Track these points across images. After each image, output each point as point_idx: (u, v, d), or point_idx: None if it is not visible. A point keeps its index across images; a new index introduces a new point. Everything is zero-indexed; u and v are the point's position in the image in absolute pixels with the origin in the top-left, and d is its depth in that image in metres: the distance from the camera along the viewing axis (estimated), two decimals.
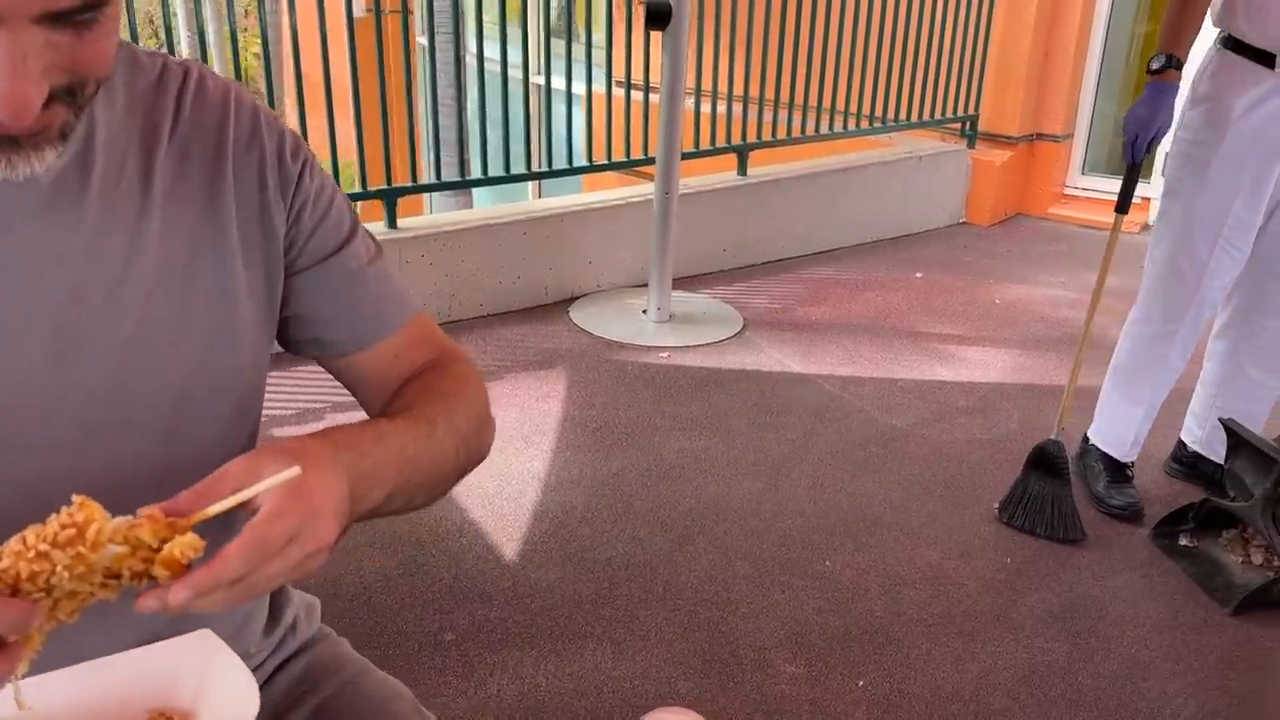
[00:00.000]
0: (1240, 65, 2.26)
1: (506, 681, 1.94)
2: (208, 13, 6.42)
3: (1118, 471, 2.63)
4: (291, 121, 3.55)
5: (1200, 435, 2.69)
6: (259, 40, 10.78)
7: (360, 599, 2.16)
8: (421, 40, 3.86)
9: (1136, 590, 2.30)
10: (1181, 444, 2.77)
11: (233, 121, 0.81)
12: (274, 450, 0.67)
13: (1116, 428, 2.61)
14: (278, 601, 0.93)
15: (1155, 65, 2.31)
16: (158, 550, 0.64)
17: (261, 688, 0.89)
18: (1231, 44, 2.28)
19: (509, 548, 2.35)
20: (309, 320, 0.86)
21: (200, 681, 0.74)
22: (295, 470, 0.66)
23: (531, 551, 2.34)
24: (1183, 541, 2.44)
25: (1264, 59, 2.23)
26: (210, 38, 3.92)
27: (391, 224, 3.49)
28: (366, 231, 0.90)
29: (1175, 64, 2.30)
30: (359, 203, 3.53)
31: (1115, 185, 2.83)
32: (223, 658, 0.74)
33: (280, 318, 0.85)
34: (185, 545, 0.64)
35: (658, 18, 3.32)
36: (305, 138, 3.25)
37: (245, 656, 0.86)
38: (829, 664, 2.02)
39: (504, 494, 2.56)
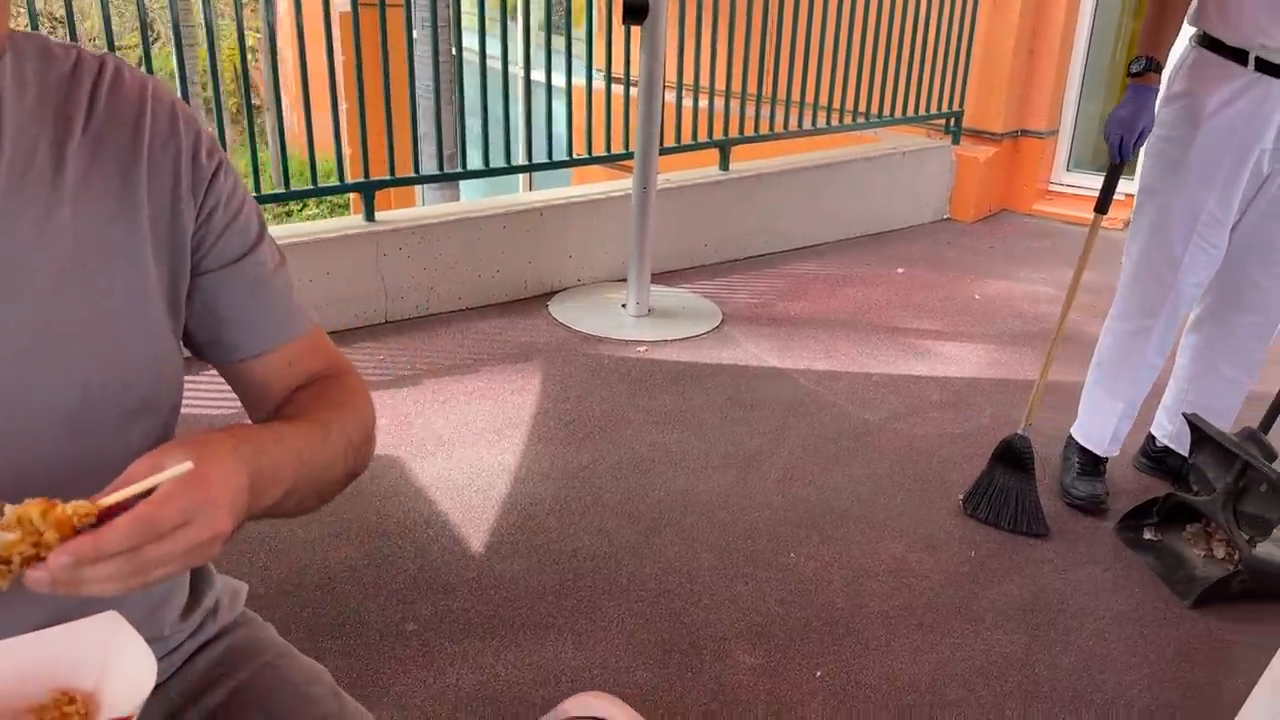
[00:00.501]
0: (1214, 62, 2.27)
1: (466, 671, 1.95)
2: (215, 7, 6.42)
3: (1091, 465, 2.64)
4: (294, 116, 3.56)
5: (1170, 430, 2.70)
6: (256, 35, 10.74)
7: (324, 589, 2.17)
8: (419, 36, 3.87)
9: (1099, 584, 2.31)
10: (1151, 438, 2.78)
11: (150, 116, 0.81)
12: (176, 445, 0.68)
13: (1096, 423, 2.63)
14: (198, 586, 0.94)
15: (1135, 68, 2.32)
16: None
17: (179, 670, 0.91)
18: (1206, 41, 2.29)
19: (475, 539, 2.37)
20: (211, 323, 0.86)
21: (102, 662, 0.75)
22: (188, 465, 0.68)
23: (498, 543, 2.36)
24: (1147, 535, 2.45)
25: (1237, 56, 2.24)
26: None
27: (369, 217, 3.50)
28: (272, 239, 0.91)
29: (1155, 66, 2.31)
30: (338, 196, 3.53)
31: (1099, 182, 2.84)
32: (124, 637, 0.74)
33: (185, 322, 0.86)
34: (77, 507, 0.66)
35: (635, 12, 3.32)
36: (311, 131, 3.27)
37: (160, 639, 0.88)
38: (787, 655, 2.04)
39: (473, 486, 2.57)
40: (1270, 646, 1.73)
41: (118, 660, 0.74)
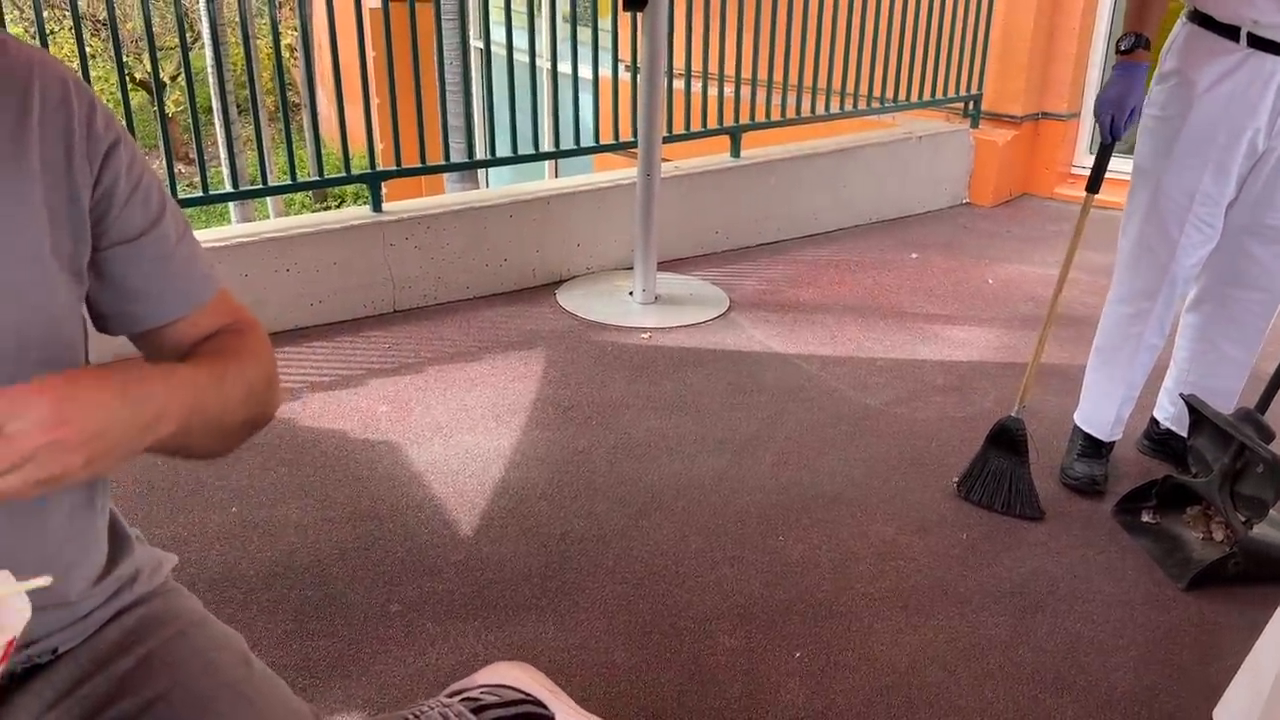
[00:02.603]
0: (1206, 38, 2.23)
1: (446, 651, 1.98)
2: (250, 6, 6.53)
3: (1093, 449, 2.61)
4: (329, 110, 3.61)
5: (1172, 412, 2.66)
6: (293, 31, 10.85)
7: (313, 571, 2.20)
8: (477, 43, 3.88)
9: (1091, 566, 2.28)
10: (1154, 421, 2.74)
11: (39, 84, 0.83)
12: (33, 386, 0.68)
13: (1098, 408, 2.59)
14: (114, 554, 0.96)
15: (1124, 45, 2.29)
16: None
17: (89, 637, 0.93)
18: (1197, 18, 2.25)
19: (466, 523, 2.39)
20: (118, 296, 0.88)
21: None
22: (45, 580, 0.72)
23: (487, 526, 2.38)
24: (1144, 518, 2.41)
25: (1229, 33, 2.19)
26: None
27: (376, 207, 3.54)
28: (176, 208, 0.93)
29: (1144, 43, 2.27)
30: (344, 187, 3.59)
31: (1122, 164, 2.80)
32: (10, 593, 0.76)
33: (88, 294, 0.88)
34: None
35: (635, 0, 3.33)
36: (344, 125, 3.33)
37: (67, 604, 0.90)
38: (768, 636, 2.04)
39: (467, 471, 2.59)
40: (1261, 629, 1.71)
41: (5, 615, 0.75)
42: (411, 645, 1.99)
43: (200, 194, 3.37)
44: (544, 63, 4.00)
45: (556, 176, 5.38)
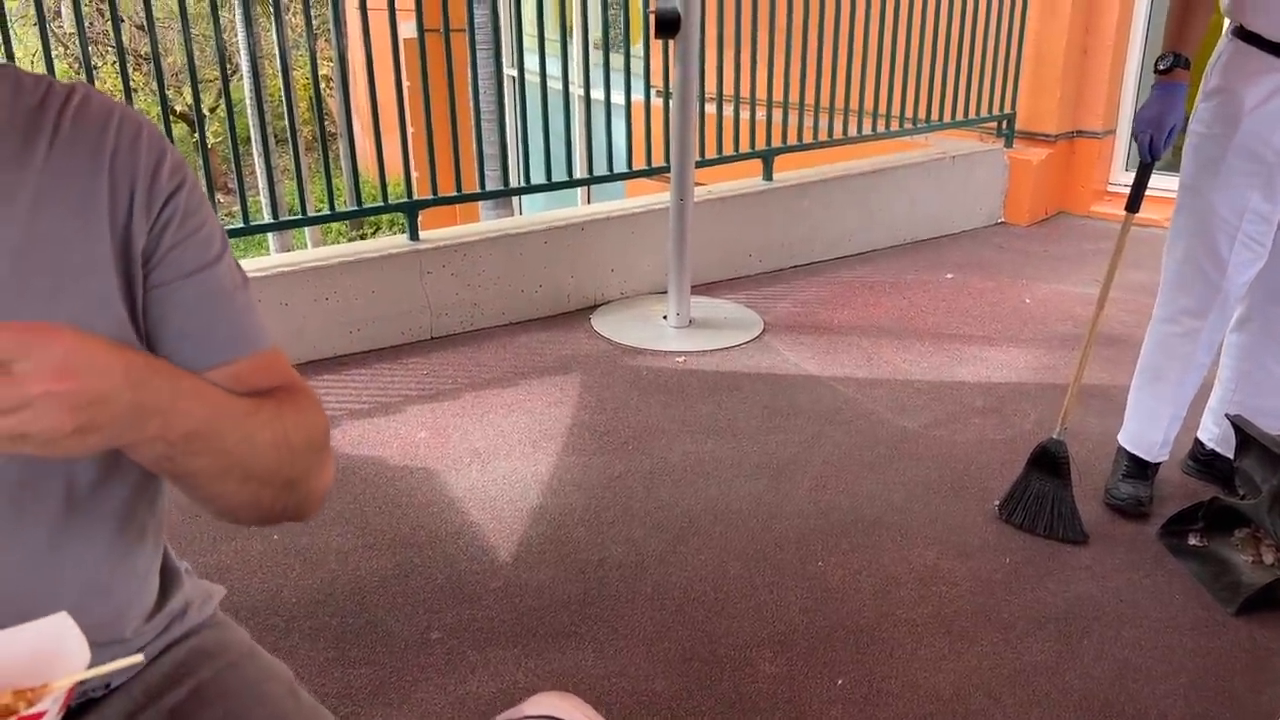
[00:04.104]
0: (1251, 55, 2.21)
1: (486, 679, 1.98)
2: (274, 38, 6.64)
3: (1138, 470, 2.57)
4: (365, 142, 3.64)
5: (1217, 433, 2.62)
6: (329, 62, 11.03)
7: (354, 598, 2.21)
8: (510, 71, 3.91)
9: (1138, 591, 2.25)
10: (1199, 442, 2.69)
11: (113, 136, 0.85)
12: (50, 327, 0.65)
13: (1145, 428, 2.56)
14: (166, 589, 0.97)
15: (1162, 65, 2.27)
16: None
17: (142, 670, 0.94)
18: (1243, 34, 2.23)
19: (504, 549, 2.40)
20: (163, 336, 0.88)
21: (51, 663, 0.77)
22: (137, 659, 0.72)
23: (525, 553, 2.38)
24: (1191, 541, 2.37)
25: (1275, 49, 2.17)
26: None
27: (413, 236, 3.58)
28: (238, 265, 0.92)
29: (1183, 63, 2.26)
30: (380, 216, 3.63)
31: (1160, 181, 2.78)
32: (72, 639, 0.77)
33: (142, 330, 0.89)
34: None
35: (667, 26, 3.35)
36: (381, 154, 3.37)
37: (122, 641, 0.91)
38: (809, 663, 2.02)
39: (505, 497, 2.60)
40: None
41: (64, 656, 0.77)
42: (452, 673, 1.99)
43: (241, 224, 3.42)
44: (576, 89, 4.04)
45: (589, 202, 5.42)
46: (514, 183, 4.07)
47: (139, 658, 0.76)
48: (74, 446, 0.65)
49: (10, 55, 3.04)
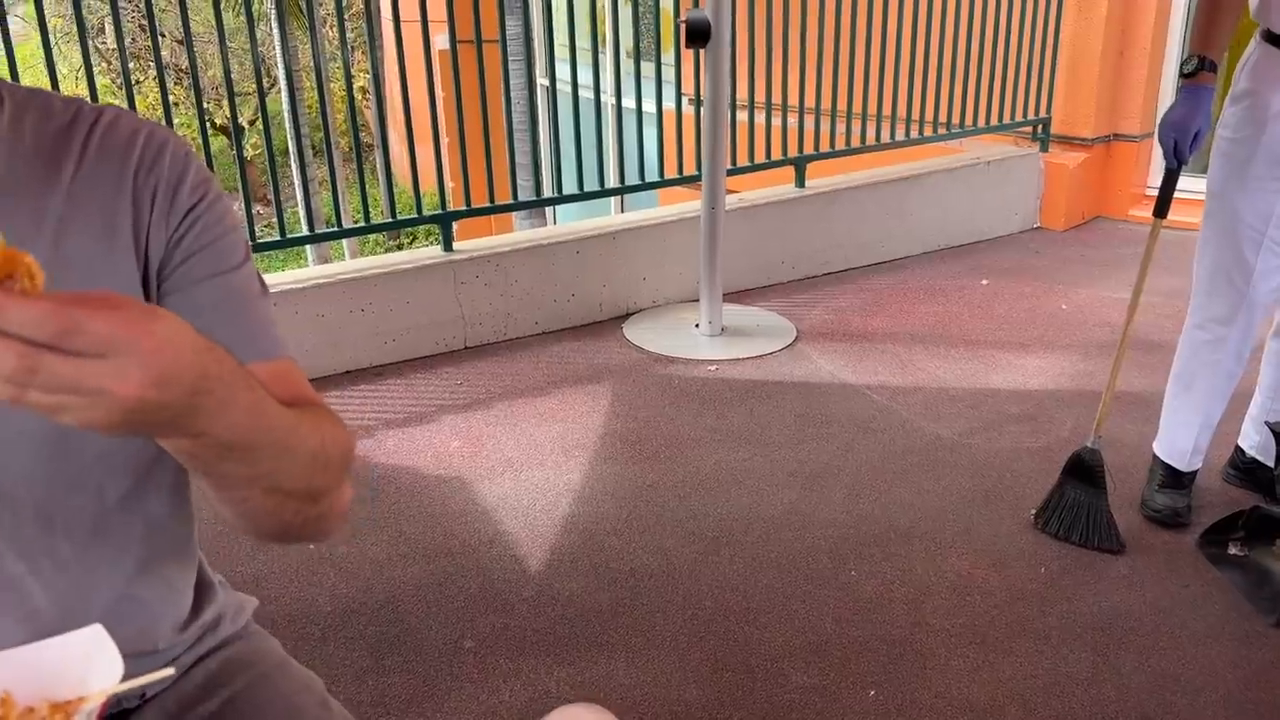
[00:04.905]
0: (1279, 59, 2.18)
1: (519, 688, 1.99)
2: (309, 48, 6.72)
3: (1173, 479, 2.54)
4: (398, 150, 3.67)
5: (1258, 440, 2.58)
6: (365, 74, 11.15)
7: (388, 607, 2.24)
8: (542, 81, 3.94)
9: (1176, 601, 2.22)
10: (1239, 450, 2.65)
11: (138, 152, 0.86)
12: (150, 324, 0.59)
13: (1177, 437, 2.52)
14: (199, 600, 0.99)
15: (1187, 69, 2.25)
16: None
17: (176, 681, 0.96)
18: (1271, 37, 2.20)
19: (537, 558, 2.41)
20: None
21: (85, 675, 0.79)
22: (169, 672, 0.71)
23: (558, 562, 2.39)
24: (1232, 550, 2.34)
25: None
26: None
27: (447, 247, 3.61)
28: (258, 275, 0.92)
29: (1208, 66, 2.23)
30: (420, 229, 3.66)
31: (1195, 184, 2.75)
32: (107, 651, 0.79)
33: None
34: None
35: (697, 35, 3.36)
36: (415, 165, 3.39)
37: (155, 652, 0.93)
38: (841, 674, 2.01)
39: (538, 506, 2.62)
40: None
41: (97, 668, 0.78)
42: (485, 682, 2.01)
43: (279, 237, 3.47)
44: (608, 98, 4.06)
45: (622, 211, 5.44)
46: (547, 193, 4.10)
47: (170, 671, 0.77)
48: (105, 432, 0.60)
49: (53, 71, 3.11)
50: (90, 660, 0.79)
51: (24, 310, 0.53)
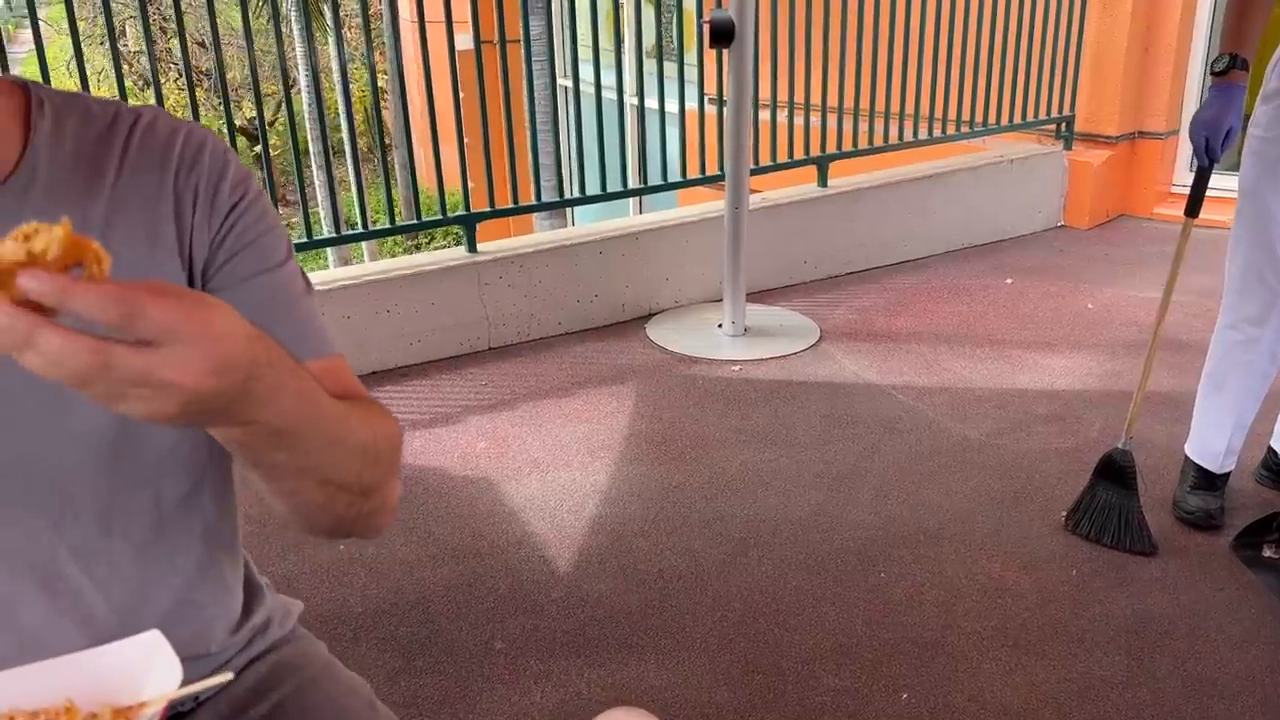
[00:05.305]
0: None
1: (550, 689, 1.99)
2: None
3: (1205, 480, 2.52)
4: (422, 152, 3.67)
5: None
6: (384, 75, 11.21)
7: (418, 609, 2.24)
8: (563, 81, 3.94)
9: (1211, 604, 2.20)
10: (1272, 451, 2.63)
11: (178, 152, 0.86)
12: (211, 316, 0.59)
13: (1208, 438, 2.50)
14: (249, 603, 1.00)
15: (1218, 67, 2.22)
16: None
17: (228, 685, 0.96)
18: None
19: (565, 559, 2.41)
20: None
21: (144, 680, 0.79)
22: (227, 677, 0.72)
23: (586, 563, 2.39)
24: (1266, 553, 2.31)
25: None
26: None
27: (471, 248, 3.62)
28: (304, 274, 0.92)
29: (1240, 64, 2.21)
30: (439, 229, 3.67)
31: (1226, 181, 2.72)
32: (165, 656, 0.79)
33: None
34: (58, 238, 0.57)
35: (721, 35, 3.35)
36: (440, 166, 3.40)
37: (207, 655, 0.94)
38: (873, 676, 2.01)
39: (565, 507, 2.62)
40: None
41: (155, 672, 0.79)
42: (516, 684, 2.01)
43: (305, 239, 3.48)
44: (630, 99, 4.05)
45: (640, 212, 5.43)
46: (569, 193, 4.10)
47: (229, 676, 0.78)
48: (163, 423, 0.60)
49: (83, 73, 3.13)
50: (149, 665, 0.79)
51: (90, 295, 0.54)
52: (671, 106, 3.99)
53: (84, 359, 0.54)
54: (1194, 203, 2.37)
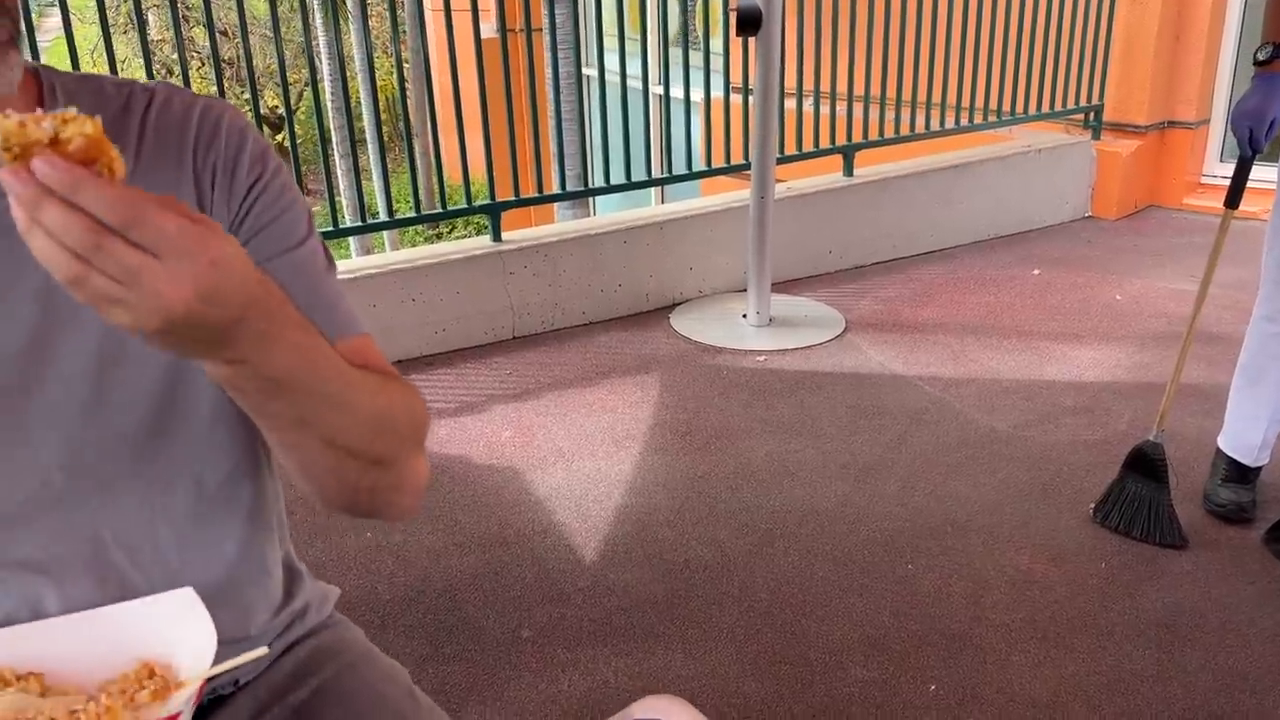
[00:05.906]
0: None
1: (578, 678, 2.00)
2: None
3: (1238, 473, 2.49)
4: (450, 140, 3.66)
5: None
6: (405, 65, 11.21)
7: (445, 597, 2.25)
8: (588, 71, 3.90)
9: (1242, 598, 2.18)
10: None
11: (195, 128, 0.86)
12: (211, 236, 0.60)
13: (1243, 431, 2.48)
14: (290, 588, 1.00)
15: (1262, 56, 2.19)
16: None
17: (266, 669, 0.97)
18: None
19: (591, 548, 2.41)
20: None
21: (178, 636, 0.79)
22: (262, 651, 0.73)
23: (612, 552, 2.40)
24: None
25: None
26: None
27: (496, 237, 3.62)
28: (325, 248, 0.91)
29: None
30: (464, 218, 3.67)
31: (1270, 173, 2.68)
32: (198, 613, 0.79)
33: None
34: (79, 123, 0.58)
35: (749, 23, 3.33)
36: (465, 155, 3.40)
37: (247, 638, 0.94)
38: (901, 668, 2.00)
39: (590, 496, 2.62)
40: None
41: (190, 634, 0.79)
42: (544, 672, 2.01)
43: (331, 228, 3.49)
44: (655, 88, 4.04)
45: (663, 202, 5.42)
46: (593, 183, 4.10)
47: (265, 650, 0.78)
48: (147, 339, 0.61)
49: (112, 60, 3.15)
50: (181, 621, 0.79)
51: (99, 190, 0.56)
52: (695, 95, 3.97)
53: (80, 234, 0.55)
54: (1234, 194, 2.34)
